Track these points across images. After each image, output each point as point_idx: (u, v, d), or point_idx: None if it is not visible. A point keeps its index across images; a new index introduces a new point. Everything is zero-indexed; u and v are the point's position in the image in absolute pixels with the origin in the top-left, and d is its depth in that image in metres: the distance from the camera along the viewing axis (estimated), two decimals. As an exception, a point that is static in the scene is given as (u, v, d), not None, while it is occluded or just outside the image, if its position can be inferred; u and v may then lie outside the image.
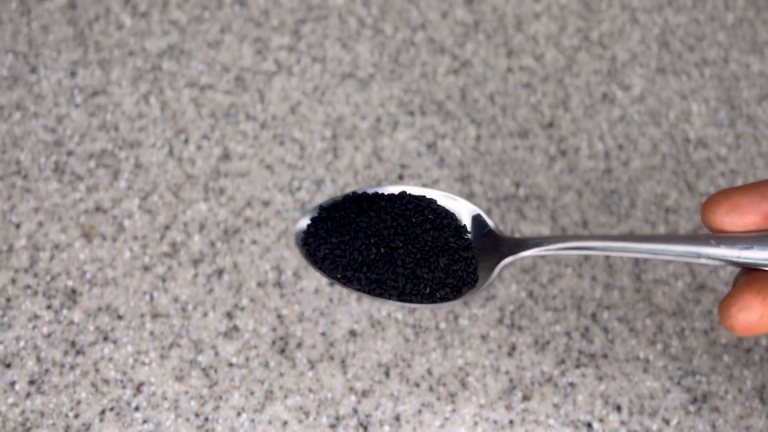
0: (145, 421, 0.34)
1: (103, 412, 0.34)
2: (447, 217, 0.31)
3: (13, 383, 0.35)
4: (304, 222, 0.32)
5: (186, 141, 0.42)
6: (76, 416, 0.34)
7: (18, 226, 0.39)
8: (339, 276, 0.30)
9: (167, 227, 0.39)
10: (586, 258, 0.40)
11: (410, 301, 0.30)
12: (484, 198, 0.41)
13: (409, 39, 0.46)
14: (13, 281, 0.37)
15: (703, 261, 0.27)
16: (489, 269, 0.30)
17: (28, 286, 0.37)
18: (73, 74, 0.43)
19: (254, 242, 0.39)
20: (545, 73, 0.46)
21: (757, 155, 0.44)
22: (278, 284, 0.38)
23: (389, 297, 0.30)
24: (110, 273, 0.38)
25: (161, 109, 0.43)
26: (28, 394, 0.35)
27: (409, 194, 0.32)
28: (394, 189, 0.32)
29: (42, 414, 0.34)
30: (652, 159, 0.43)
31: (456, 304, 0.31)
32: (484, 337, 0.37)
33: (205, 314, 0.37)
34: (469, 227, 0.32)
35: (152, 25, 0.45)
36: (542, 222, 0.41)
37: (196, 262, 0.38)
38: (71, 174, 0.40)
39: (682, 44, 0.48)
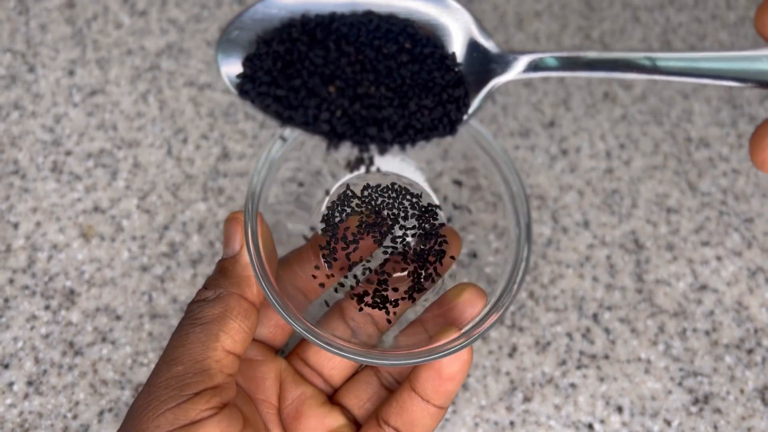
0: (143, 423, 0.34)
1: (101, 413, 0.34)
2: (429, 44, 0.24)
3: (11, 384, 0.35)
4: (238, 62, 0.23)
5: (185, 140, 0.41)
6: (75, 417, 0.34)
7: (16, 226, 0.38)
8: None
9: (166, 227, 0.39)
10: (588, 258, 0.39)
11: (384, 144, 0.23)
12: (489, 191, 0.41)
13: (410, 38, 0.46)
14: (11, 281, 0.37)
15: (754, 77, 0.21)
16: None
17: (26, 287, 0.37)
18: (71, 73, 0.43)
19: (253, 242, 0.39)
20: (546, 72, 0.46)
21: (759, 155, 0.44)
22: (277, 284, 0.38)
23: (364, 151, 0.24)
24: (108, 273, 0.37)
25: (160, 108, 0.42)
26: (27, 395, 0.34)
27: (378, 15, 0.24)
28: (354, 5, 0.24)
29: (40, 415, 0.34)
30: (654, 158, 0.43)
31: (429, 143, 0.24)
32: (484, 338, 0.37)
33: (204, 315, 0.37)
34: (459, 51, 0.24)
35: (151, 24, 0.45)
36: (543, 222, 0.40)
37: (194, 263, 0.38)
38: (69, 174, 0.40)
39: (683, 43, 0.48)
